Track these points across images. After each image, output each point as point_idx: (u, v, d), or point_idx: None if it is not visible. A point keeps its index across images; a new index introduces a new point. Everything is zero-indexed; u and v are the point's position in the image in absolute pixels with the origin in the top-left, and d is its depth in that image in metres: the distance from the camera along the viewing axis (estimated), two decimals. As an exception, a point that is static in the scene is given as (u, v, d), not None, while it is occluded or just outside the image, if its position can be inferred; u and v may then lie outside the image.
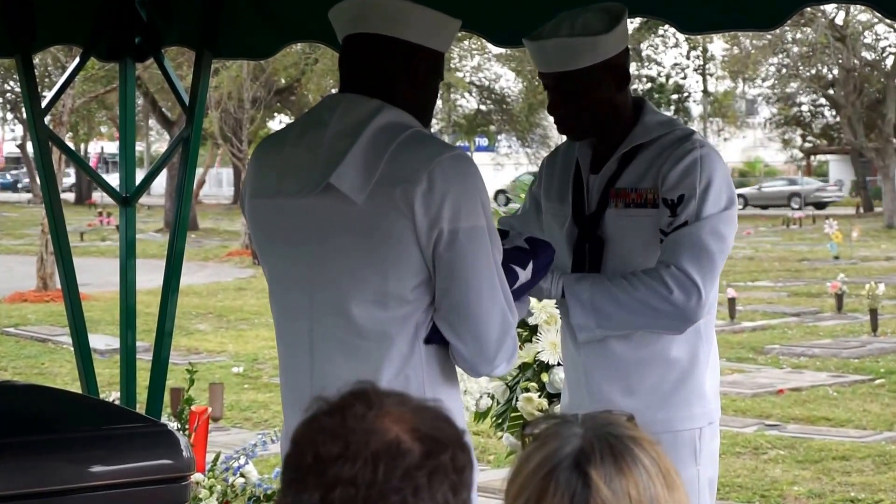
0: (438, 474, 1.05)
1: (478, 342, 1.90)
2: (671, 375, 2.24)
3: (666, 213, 2.17)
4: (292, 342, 1.97)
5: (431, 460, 1.05)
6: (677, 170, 2.18)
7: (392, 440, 1.05)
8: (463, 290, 1.87)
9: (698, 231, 2.15)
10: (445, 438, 1.08)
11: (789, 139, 36.03)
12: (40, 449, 2.40)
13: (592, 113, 2.23)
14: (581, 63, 2.17)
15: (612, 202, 2.24)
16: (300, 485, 1.05)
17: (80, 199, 36.33)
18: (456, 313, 1.89)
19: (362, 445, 1.04)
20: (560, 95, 2.21)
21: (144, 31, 3.36)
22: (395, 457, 1.04)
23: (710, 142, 3.01)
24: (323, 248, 1.91)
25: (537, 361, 3.74)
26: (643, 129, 2.24)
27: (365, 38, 1.94)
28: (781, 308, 12.88)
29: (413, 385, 1.88)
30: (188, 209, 3.54)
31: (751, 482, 5.87)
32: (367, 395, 1.08)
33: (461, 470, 1.08)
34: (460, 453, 1.08)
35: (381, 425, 1.05)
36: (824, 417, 7.35)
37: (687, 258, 2.13)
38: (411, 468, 1.04)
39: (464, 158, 1.92)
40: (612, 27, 2.18)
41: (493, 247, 1.91)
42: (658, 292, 2.13)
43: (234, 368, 9.27)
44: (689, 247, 2.14)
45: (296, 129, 2.00)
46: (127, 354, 3.50)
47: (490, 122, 31.99)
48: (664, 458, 1.12)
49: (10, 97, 30.15)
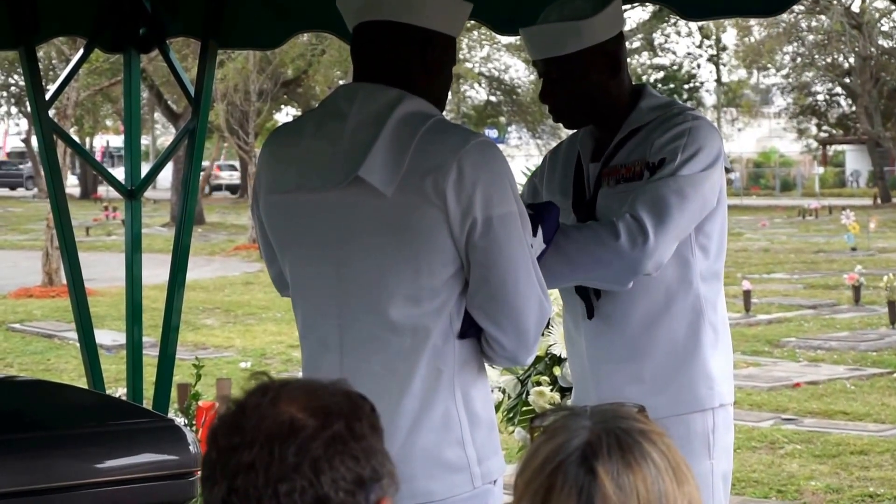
0: (336, 444, 1.07)
1: (517, 330, 1.87)
2: (673, 357, 2.21)
3: (646, 174, 2.15)
4: (319, 342, 1.93)
5: (325, 431, 1.07)
6: (665, 137, 2.16)
7: (285, 420, 1.08)
8: (500, 278, 1.85)
9: (663, 186, 2.11)
10: (339, 408, 1.09)
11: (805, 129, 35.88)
12: (47, 445, 2.43)
13: (584, 100, 2.20)
14: (566, 49, 2.15)
15: (604, 181, 2.23)
16: (211, 480, 1.09)
17: (85, 193, 36.43)
18: (494, 302, 1.86)
19: (257, 431, 1.07)
20: (550, 83, 2.19)
21: (149, 22, 3.35)
22: (289, 435, 1.07)
23: (724, 132, 2.96)
24: (351, 244, 1.87)
25: (549, 355, 3.71)
26: (638, 115, 2.22)
27: (377, 25, 1.91)
28: (798, 300, 12.81)
29: (444, 378, 1.85)
30: (194, 202, 3.52)
31: (767, 477, 5.83)
32: (263, 387, 1.12)
33: (360, 437, 1.08)
34: (356, 421, 1.09)
35: (274, 410, 1.09)
36: (842, 411, 7.29)
37: (642, 207, 2.08)
38: (305, 441, 1.06)
39: (490, 145, 1.90)
40: (598, 11, 2.15)
41: (525, 232, 1.89)
42: (603, 239, 2.07)
43: (242, 363, 9.25)
44: (648, 198, 2.09)
45: (312, 120, 1.95)
46: (133, 350, 3.50)
47: (500, 113, 31.98)
48: (674, 451, 1.10)
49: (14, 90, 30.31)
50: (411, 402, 1.84)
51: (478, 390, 1.90)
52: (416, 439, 1.84)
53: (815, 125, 35.97)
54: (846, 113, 34.04)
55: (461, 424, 1.86)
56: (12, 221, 27.26)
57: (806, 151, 39.74)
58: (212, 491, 1.09)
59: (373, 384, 1.73)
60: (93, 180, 36.19)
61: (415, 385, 1.84)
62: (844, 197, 34.99)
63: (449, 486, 1.85)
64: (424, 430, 1.85)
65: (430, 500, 1.84)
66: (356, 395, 1.13)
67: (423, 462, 1.84)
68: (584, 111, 2.22)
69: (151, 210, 28.47)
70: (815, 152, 39.80)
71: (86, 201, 33.74)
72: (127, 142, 3.54)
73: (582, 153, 2.30)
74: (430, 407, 1.85)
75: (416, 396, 1.85)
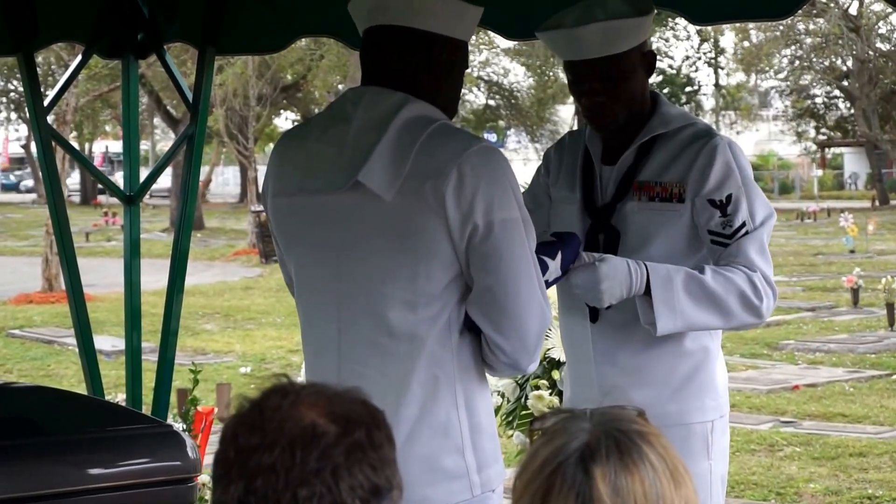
0: (355, 451, 1.08)
1: (519, 335, 1.86)
2: (683, 368, 2.24)
3: (715, 213, 2.20)
4: (319, 344, 1.94)
5: (347, 438, 1.08)
6: (717, 169, 2.20)
7: (307, 425, 1.08)
8: (502, 283, 1.84)
9: (761, 236, 2.22)
10: (359, 417, 1.10)
11: (803, 132, 35.89)
12: (46, 451, 2.42)
13: (628, 101, 2.22)
14: (624, 46, 2.16)
15: (633, 195, 2.24)
16: (226, 479, 1.08)
17: (85, 199, 36.59)
18: (496, 307, 1.85)
19: (279, 433, 1.07)
20: (601, 82, 2.19)
21: (147, 28, 3.36)
22: (311, 440, 1.07)
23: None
24: (351, 247, 1.87)
25: (548, 358, 3.72)
26: (661, 120, 2.24)
27: (385, 29, 1.91)
28: (796, 303, 12.82)
29: (443, 385, 1.85)
30: (193, 207, 3.53)
31: (766, 479, 5.83)
32: (283, 388, 1.12)
33: (378, 447, 1.10)
34: (376, 430, 1.10)
35: (296, 413, 1.09)
36: (840, 413, 7.30)
37: (763, 264, 2.21)
38: (328, 447, 1.07)
39: (493, 150, 1.88)
40: (645, 11, 2.19)
41: (528, 238, 1.87)
42: (750, 303, 2.19)
43: (242, 369, 9.27)
44: (760, 251, 2.21)
45: (318, 124, 1.96)
46: (132, 355, 3.50)
47: (499, 117, 32.05)
48: (672, 453, 1.11)
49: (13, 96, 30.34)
50: (410, 408, 1.84)
51: (480, 399, 1.90)
52: (414, 446, 1.83)
53: (814, 128, 35.98)
54: (844, 116, 34.06)
55: (462, 432, 1.86)
56: (12, 227, 27.32)
57: (804, 154, 39.75)
58: (227, 490, 1.08)
59: (370, 388, 1.70)
60: (93, 186, 36.26)
61: (413, 391, 1.84)
62: (843, 199, 35.02)
63: (447, 494, 1.85)
64: (424, 436, 1.84)
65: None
66: (372, 404, 1.13)
67: (420, 469, 1.83)
68: (627, 111, 2.23)
69: (151, 215, 28.49)
70: (813, 155, 39.81)
71: (86, 207, 33.85)
72: (126, 147, 3.55)
73: (592, 152, 2.31)
74: (431, 414, 1.85)
75: (415, 403, 1.84)
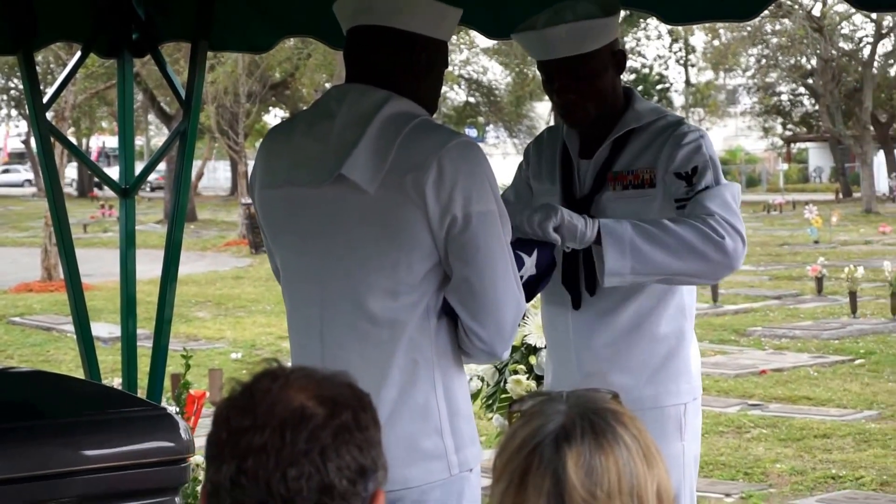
0: (343, 433, 1.10)
1: (495, 323, 1.91)
2: (660, 352, 2.29)
3: (681, 184, 2.22)
4: (303, 330, 1.99)
5: (334, 420, 1.10)
6: (684, 148, 2.24)
7: (297, 408, 1.11)
8: (478, 273, 1.89)
9: (723, 192, 2.20)
10: (346, 400, 1.13)
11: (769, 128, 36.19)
12: (45, 432, 2.44)
13: (598, 98, 2.27)
14: (593, 45, 2.22)
15: (609, 185, 2.29)
16: (219, 459, 1.11)
17: (82, 192, 36.57)
18: (472, 296, 1.90)
19: (269, 416, 1.10)
20: (572, 80, 2.25)
21: (142, 28, 3.42)
22: (300, 422, 1.10)
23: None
24: (334, 238, 1.93)
25: (525, 344, 3.80)
26: (635, 115, 2.31)
27: (368, 29, 1.97)
28: (763, 291, 12.98)
29: (422, 370, 1.90)
30: (186, 200, 3.60)
31: (734, 460, 5.94)
32: (273, 372, 1.15)
33: (364, 429, 1.12)
34: (362, 413, 1.13)
35: (285, 396, 1.11)
36: (805, 397, 7.43)
37: (724, 210, 2.17)
38: (316, 429, 1.10)
39: (471, 145, 1.94)
40: (612, 12, 2.26)
41: (503, 231, 1.93)
42: (709, 237, 2.13)
43: (233, 354, 9.34)
44: (721, 203, 2.18)
45: (304, 119, 2.03)
46: (128, 341, 3.54)
47: (478, 113, 32.14)
48: (645, 434, 1.13)
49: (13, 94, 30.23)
50: (390, 392, 1.89)
51: (457, 383, 1.96)
52: (394, 428, 1.87)
53: (780, 124, 36.25)
54: (809, 112, 34.37)
55: (440, 414, 1.91)
56: (12, 219, 27.21)
57: (771, 149, 40.04)
58: (219, 470, 1.10)
59: (352, 372, 1.72)
60: (90, 179, 36.11)
61: (393, 376, 1.89)
62: (807, 192, 35.38)
63: (425, 473, 1.90)
64: (404, 419, 1.89)
65: (407, 486, 1.88)
66: (358, 388, 1.16)
67: (401, 450, 1.87)
68: (595, 109, 2.28)
69: (146, 207, 28.40)
70: (779, 150, 40.13)
71: (83, 199, 33.70)
72: (121, 142, 3.59)
73: (569, 147, 2.38)
74: (410, 397, 1.90)
75: (394, 387, 1.89)
